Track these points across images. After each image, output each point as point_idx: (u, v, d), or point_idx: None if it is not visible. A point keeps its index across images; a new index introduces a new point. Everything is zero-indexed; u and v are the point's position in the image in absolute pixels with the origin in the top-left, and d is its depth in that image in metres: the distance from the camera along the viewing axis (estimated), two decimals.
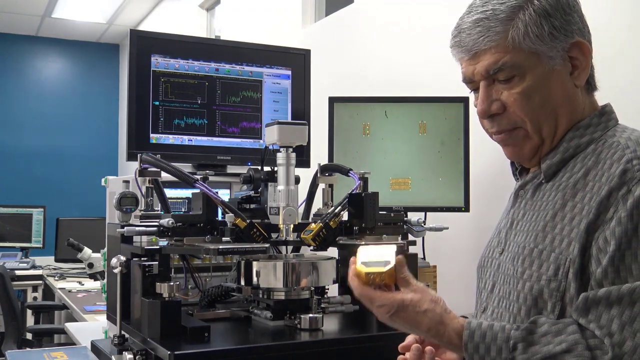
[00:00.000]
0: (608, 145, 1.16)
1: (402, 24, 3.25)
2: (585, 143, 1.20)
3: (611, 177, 1.10)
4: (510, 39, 1.17)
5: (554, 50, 1.18)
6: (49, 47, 8.20)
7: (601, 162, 1.14)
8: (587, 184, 1.14)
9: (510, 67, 1.18)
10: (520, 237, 1.23)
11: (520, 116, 1.20)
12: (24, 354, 2.92)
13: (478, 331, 1.10)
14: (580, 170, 1.18)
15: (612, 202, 1.08)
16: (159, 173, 1.80)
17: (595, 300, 1.05)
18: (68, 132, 8.13)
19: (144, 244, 1.72)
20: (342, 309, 1.90)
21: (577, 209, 1.13)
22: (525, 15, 1.17)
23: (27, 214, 6.36)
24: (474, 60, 1.22)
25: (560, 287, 1.11)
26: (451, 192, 2.53)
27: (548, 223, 1.17)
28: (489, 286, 1.30)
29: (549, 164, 1.23)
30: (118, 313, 1.73)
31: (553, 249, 1.14)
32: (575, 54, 1.20)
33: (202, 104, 2.38)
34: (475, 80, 1.24)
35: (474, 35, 1.20)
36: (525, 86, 1.19)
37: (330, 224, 1.80)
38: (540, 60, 1.18)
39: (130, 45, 2.30)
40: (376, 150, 2.56)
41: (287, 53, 2.56)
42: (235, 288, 1.87)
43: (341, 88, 3.27)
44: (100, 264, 3.00)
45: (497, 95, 1.21)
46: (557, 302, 1.11)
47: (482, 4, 1.21)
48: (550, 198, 1.20)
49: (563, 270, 1.11)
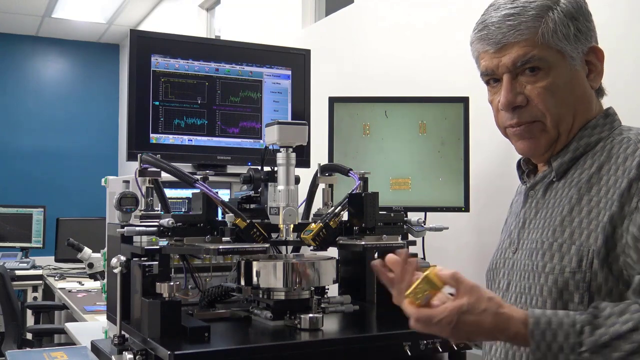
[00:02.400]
0: (618, 141, 1.23)
1: (402, 24, 3.25)
2: (594, 142, 1.26)
3: (628, 170, 1.16)
4: (540, 34, 1.23)
5: (576, 51, 1.25)
6: (49, 47, 8.20)
7: (614, 157, 1.21)
8: (602, 177, 1.20)
9: (538, 60, 1.23)
10: (535, 233, 1.27)
11: (542, 110, 1.25)
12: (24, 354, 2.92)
13: (543, 318, 1.10)
14: (592, 166, 1.23)
15: (633, 192, 1.13)
16: (159, 173, 1.80)
17: None
18: (68, 132, 8.13)
19: (144, 244, 1.72)
20: (342, 309, 1.90)
21: (594, 202, 1.18)
22: (555, 14, 1.24)
23: (27, 214, 6.36)
24: (499, 53, 1.26)
25: (586, 278, 1.15)
26: (451, 192, 2.53)
27: (565, 217, 1.21)
28: (504, 285, 1.32)
29: (560, 162, 1.28)
30: (118, 313, 1.73)
31: (573, 242, 1.18)
32: (591, 59, 1.28)
33: (202, 104, 2.38)
34: (498, 73, 1.27)
35: (504, 29, 1.24)
36: (550, 81, 1.24)
37: (330, 224, 1.80)
38: (564, 59, 1.25)
39: (130, 45, 2.30)
40: (376, 150, 2.56)
41: (287, 53, 2.56)
42: (235, 288, 1.87)
43: (341, 88, 3.27)
44: (100, 264, 3.00)
45: (521, 88, 1.26)
46: (584, 292, 1.15)
47: (510, 1, 1.26)
48: (564, 194, 1.25)
49: (586, 262, 1.15)
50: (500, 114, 1.30)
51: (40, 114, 8.04)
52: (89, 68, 8.41)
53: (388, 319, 1.89)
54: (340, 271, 1.93)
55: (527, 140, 1.29)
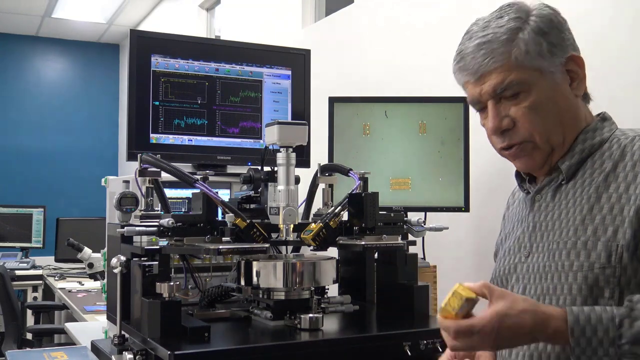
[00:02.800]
0: (629, 140, 1.26)
1: (402, 24, 3.25)
2: (597, 143, 1.29)
3: None
4: (513, 58, 1.25)
5: (554, 65, 1.27)
6: (49, 47, 8.20)
7: (628, 155, 1.24)
8: (618, 175, 1.23)
9: (517, 84, 1.26)
10: (552, 235, 1.28)
11: (530, 130, 1.28)
12: (24, 354, 2.92)
13: (582, 315, 1.10)
14: (603, 165, 1.26)
15: None
16: (159, 173, 1.80)
17: None
18: (68, 132, 8.14)
19: (144, 244, 1.72)
20: (342, 309, 1.90)
21: (614, 199, 1.21)
22: (525, 35, 1.26)
23: (27, 214, 6.36)
24: (480, 81, 1.29)
25: (616, 273, 1.17)
26: (451, 192, 2.53)
27: (586, 216, 1.23)
28: (519, 290, 1.32)
29: (568, 165, 1.30)
30: (118, 313, 1.73)
31: (598, 238, 1.20)
32: (572, 67, 1.29)
33: (202, 104, 2.38)
34: (482, 101, 1.31)
35: (478, 59, 1.27)
36: (532, 100, 1.26)
37: (330, 224, 1.80)
38: (543, 75, 1.27)
39: (130, 45, 2.30)
40: (376, 150, 2.56)
41: (287, 53, 2.56)
42: (235, 288, 1.86)
43: (341, 88, 3.26)
44: (100, 264, 3.00)
45: (506, 111, 1.28)
46: (614, 287, 1.17)
47: (481, 29, 1.29)
48: (578, 195, 1.27)
49: (615, 256, 1.17)
50: (492, 137, 1.33)
51: (40, 114, 8.04)
52: (89, 68, 8.41)
53: (388, 319, 1.89)
54: (340, 271, 1.93)
55: (522, 158, 1.32)
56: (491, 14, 1.31)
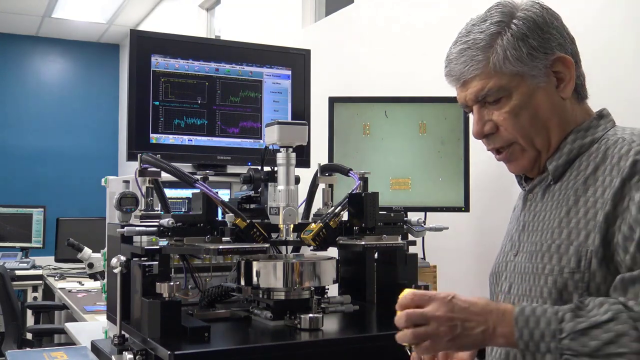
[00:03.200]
0: (613, 142, 1.23)
1: (402, 24, 3.25)
2: (588, 143, 1.28)
3: (622, 170, 1.16)
4: (491, 65, 1.26)
5: (536, 69, 1.26)
6: (49, 47, 8.20)
7: (609, 158, 1.21)
8: (597, 179, 1.21)
9: (496, 91, 1.27)
10: (535, 236, 1.29)
11: (512, 133, 1.29)
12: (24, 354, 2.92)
13: (528, 307, 1.14)
14: (588, 167, 1.25)
15: (626, 192, 1.15)
16: (159, 173, 1.80)
17: (632, 280, 1.11)
18: (68, 132, 8.14)
19: (144, 244, 1.72)
20: (342, 309, 1.90)
21: (590, 203, 1.20)
22: (503, 41, 1.26)
23: (27, 214, 6.36)
24: (464, 87, 1.32)
25: (585, 278, 1.17)
26: (451, 192, 2.53)
27: (563, 219, 1.23)
28: (506, 288, 1.34)
29: (555, 166, 1.29)
30: (118, 313, 1.73)
31: (571, 242, 1.20)
32: (559, 68, 1.28)
33: (202, 104, 2.38)
34: (468, 105, 1.33)
35: (459, 65, 1.30)
36: (513, 105, 1.27)
37: (330, 224, 1.80)
38: (524, 80, 1.27)
39: (130, 45, 2.30)
40: (376, 150, 2.56)
41: (287, 53, 2.56)
42: (235, 288, 1.86)
43: (341, 88, 3.26)
44: (100, 264, 3.00)
45: (489, 116, 1.31)
46: (583, 292, 1.17)
47: (465, 34, 1.31)
48: (561, 196, 1.27)
49: (585, 262, 1.17)
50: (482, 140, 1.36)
51: (40, 114, 8.04)
52: (89, 68, 8.41)
53: (388, 319, 1.89)
54: (340, 271, 1.93)
55: (511, 162, 1.34)
56: (479, 16, 1.33)
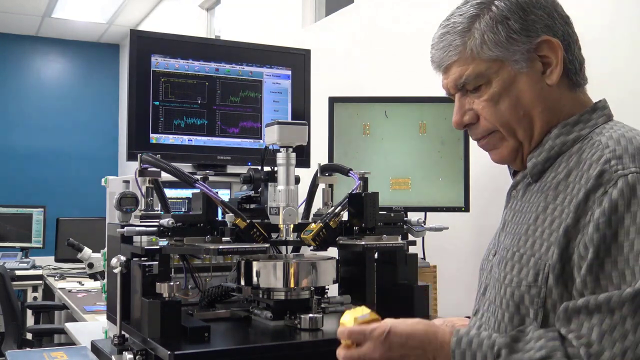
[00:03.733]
0: (591, 144, 1.13)
1: (402, 24, 3.25)
2: (571, 140, 1.18)
3: (588, 179, 1.07)
4: (469, 50, 1.19)
5: (517, 53, 1.17)
6: (49, 47, 8.20)
7: (582, 163, 1.11)
8: (569, 185, 1.11)
9: (474, 78, 1.19)
10: (508, 239, 1.22)
11: (492, 122, 1.21)
12: (24, 354, 2.92)
13: (465, 338, 1.09)
14: (562, 171, 1.15)
15: (589, 205, 1.05)
16: (159, 173, 1.80)
17: (575, 310, 1.03)
18: (68, 132, 8.14)
19: (144, 244, 1.72)
20: (342, 309, 1.90)
21: (557, 212, 1.11)
22: (481, 24, 1.18)
23: (27, 214, 6.36)
24: (445, 74, 1.25)
25: (541, 294, 1.09)
26: (451, 192, 2.53)
27: (530, 226, 1.15)
28: (482, 289, 1.29)
29: (534, 163, 1.21)
30: (118, 313, 1.73)
31: (533, 253, 1.12)
32: (545, 52, 1.18)
33: (202, 104, 2.38)
34: (451, 93, 1.27)
35: (439, 51, 1.23)
36: (492, 92, 1.19)
37: (330, 224, 1.80)
38: (504, 65, 1.18)
39: (130, 45, 2.30)
40: (376, 150, 2.56)
41: (287, 53, 2.56)
42: (235, 288, 1.87)
43: (341, 88, 3.26)
44: (100, 264, 2.99)
45: (470, 105, 1.23)
46: (539, 308, 1.09)
47: (447, 18, 1.25)
48: (534, 199, 1.18)
49: (542, 276, 1.09)
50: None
51: (41, 114, 8.04)
52: (89, 68, 8.41)
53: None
54: (340, 271, 1.93)
55: (491, 152, 1.27)
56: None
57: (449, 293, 2.57)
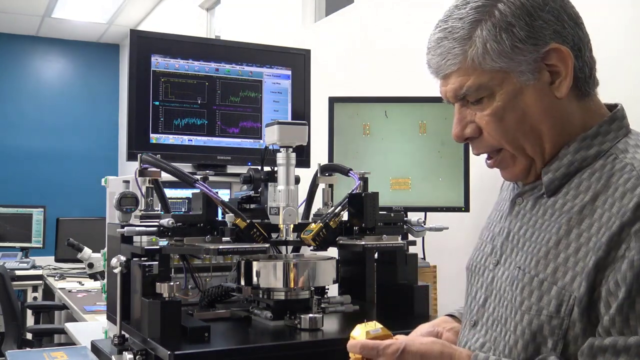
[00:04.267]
0: (620, 167, 1.05)
1: (402, 24, 3.25)
2: (592, 156, 1.10)
3: (624, 211, 1.00)
4: (469, 60, 1.09)
5: (524, 63, 1.08)
6: (49, 47, 8.20)
7: (612, 187, 1.04)
8: (595, 210, 1.04)
9: (475, 90, 1.10)
10: (520, 257, 1.14)
11: (496, 139, 1.12)
12: (24, 354, 2.92)
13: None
14: (587, 192, 1.07)
15: (623, 237, 0.99)
16: (159, 173, 1.80)
17: (601, 348, 0.98)
18: (68, 132, 8.14)
19: (144, 244, 1.72)
20: (342, 309, 1.90)
21: (584, 239, 1.04)
22: (483, 31, 1.08)
23: (27, 214, 6.36)
24: (444, 81, 1.16)
25: (563, 325, 1.03)
26: (451, 192, 2.53)
27: (551, 250, 1.08)
28: (481, 300, 1.22)
29: (551, 179, 1.12)
30: (118, 313, 1.73)
31: (555, 281, 1.05)
32: (554, 62, 1.09)
33: (202, 104, 2.38)
34: (450, 102, 1.18)
35: (436, 58, 1.14)
36: (495, 107, 1.10)
37: (330, 224, 1.80)
38: (508, 77, 1.09)
39: (130, 45, 2.30)
40: (376, 150, 2.56)
41: (287, 53, 2.56)
42: (235, 288, 1.87)
43: (341, 88, 3.26)
44: (100, 264, 2.99)
45: (472, 117, 1.14)
46: (559, 340, 1.04)
47: (444, 19, 1.15)
48: (553, 219, 1.10)
49: (566, 308, 1.03)
50: None
51: (40, 114, 8.04)
52: (89, 68, 8.41)
53: (388, 319, 1.89)
54: (340, 271, 1.93)
55: (503, 171, 1.19)
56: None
57: (449, 293, 2.56)
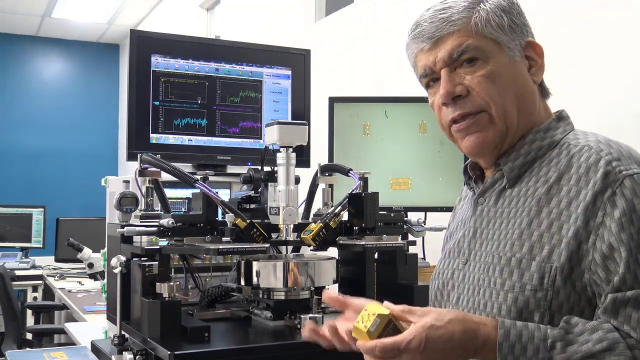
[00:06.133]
0: (578, 149, 1.16)
1: (402, 24, 3.25)
2: (546, 145, 1.21)
3: (593, 182, 1.09)
4: (473, 23, 1.20)
5: (513, 42, 1.22)
6: (49, 47, 8.21)
7: (574, 166, 1.14)
8: (562, 188, 1.13)
9: (474, 49, 1.20)
10: (491, 246, 1.21)
11: (485, 98, 1.20)
12: (24, 354, 2.93)
13: (513, 330, 1.05)
14: (549, 174, 1.17)
15: (598, 206, 1.07)
16: (159, 173, 1.80)
17: (624, 301, 1.04)
18: (68, 132, 8.14)
19: (144, 244, 1.72)
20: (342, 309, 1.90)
21: (555, 215, 1.12)
22: (486, 5, 1.21)
23: (27, 214, 6.36)
24: (435, 47, 1.23)
25: (547, 296, 1.10)
26: (451, 192, 2.53)
27: (524, 231, 1.15)
28: (454, 299, 1.26)
29: (511, 167, 1.22)
30: (118, 313, 1.73)
31: (533, 257, 1.12)
32: (530, 53, 1.24)
33: (202, 104, 2.38)
34: (435, 70, 1.24)
35: (436, 23, 1.22)
36: (490, 69, 1.20)
37: (330, 224, 1.80)
38: (501, 49, 1.21)
39: (130, 45, 2.30)
40: (376, 150, 2.56)
41: (287, 53, 2.56)
42: (235, 288, 1.87)
43: (341, 88, 3.26)
44: (100, 264, 2.99)
45: (460, 79, 1.21)
46: (545, 311, 1.10)
47: (441, 1, 1.26)
48: (520, 204, 1.19)
49: (548, 279, 1.10)
50: (442, 111, 1.26)
51: (40, 114, 8.05)
52: (89, 68, 8.42)
53: None
54: (340, 271, 1.93)
55: (474, 135, 1.23)
56: None
57: None
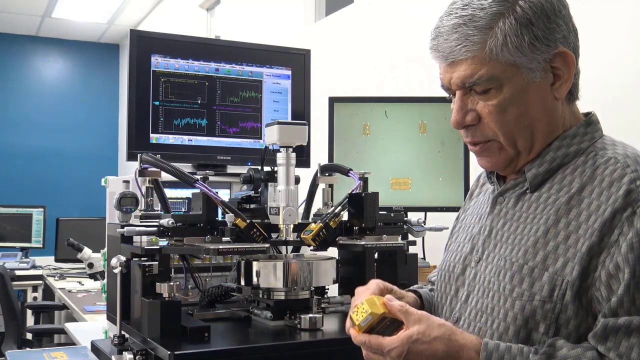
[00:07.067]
0: (604, 161, 1.13)
1: (402, 24, 3.25)
2: (572, 153, 1.17)
3: (614, 198, 1.06)
4: (487, 50, 1.12)
5: (535, 61, 1.13)
6: (49, 47, 8.21)
7: (598, 178, 1.11)
8: (583, 200, 1.11)
9: (487, 80, 1.14)
10: (504, 249, 1.19)
11: (494, 129, 1.17)
12: (24, 354, 2.93)
13: (495, 353, 1.06)
14: (572, 184, 1.14)
15: (616, 223, 1.05)
16: (159, 173, 1.80)
17: (615, 328, 1.02)
18: (68, 132, 8.14)
19: (144, 244, 1.72)
20: (342, 309, 1.90)
21: (573, 227, 1.10)
22: (505, 25, 1.12)
23: (27, 214, 6.36)
24: (450, 68, 1.18)
25: (556, 309, 1.08)
26: (451, 192, 2.53)
27: (539, 239, 1.13)
28: (463, 296, 1.25)
29: (535, 174, 1.19)
30: (118, 313, 1.73)
31: (546, 268, 1.10)
32: (558, 64, 1.15)
33: (202, 104, 2.38)
34: (451, 89, 1.20)
35: (451, 42, 1.15)
36: (502, 98, 1.14)
37: (330, 224, 1.80)
38: (519, 72, 1.14)
39: (130, 45, 2.30)
40: (376, 150, 2.56)
41: (287, 53, 2.56)
42: (235, 288, 1.87)
43: (341, 88, 3.27)
44: (100, 264, 3.00)
45: (473, 105, 1.17)
46: (551, 323, 1.08)
47: (462, 6, 1.16)
48: (539, 211, 1.16)
49: (559, 292, 1.08)
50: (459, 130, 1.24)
51: (40, 114, 8.05)
52: (89, 68, 8.42)
53: None
54: (340, 271, 1.93)
55: (484, 158, 1.23)
56: None
57: None
